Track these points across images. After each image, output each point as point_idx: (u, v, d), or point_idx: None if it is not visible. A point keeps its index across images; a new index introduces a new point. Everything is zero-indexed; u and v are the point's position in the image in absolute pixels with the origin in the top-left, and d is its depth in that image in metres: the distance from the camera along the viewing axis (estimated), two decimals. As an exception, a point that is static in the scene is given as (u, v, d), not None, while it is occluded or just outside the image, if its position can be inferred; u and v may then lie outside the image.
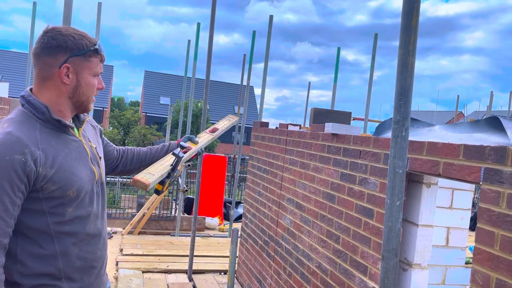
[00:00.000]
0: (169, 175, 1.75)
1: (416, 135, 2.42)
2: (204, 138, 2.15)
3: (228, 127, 2.34)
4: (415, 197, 2.14)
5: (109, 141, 1.91)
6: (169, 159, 1.83)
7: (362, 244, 2.40)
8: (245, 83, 7.58)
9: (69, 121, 1.50)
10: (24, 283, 1.41)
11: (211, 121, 30.25)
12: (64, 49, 1.41)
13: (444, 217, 3.19)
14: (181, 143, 1.95)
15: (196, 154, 2.01)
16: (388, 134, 2.73)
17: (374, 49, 6.05)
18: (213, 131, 2.22)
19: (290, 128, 3.80)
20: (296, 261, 3.23)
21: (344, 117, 4.25)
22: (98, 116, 33.18)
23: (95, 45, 1.46)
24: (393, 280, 1.34)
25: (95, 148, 1.60)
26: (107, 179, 7.59)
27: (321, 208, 2.91)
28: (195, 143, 2.02)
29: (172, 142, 2.04)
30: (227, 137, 34.51)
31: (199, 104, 26.09)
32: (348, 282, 2.50)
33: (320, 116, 4.27)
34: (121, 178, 9.52)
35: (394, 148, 1.35)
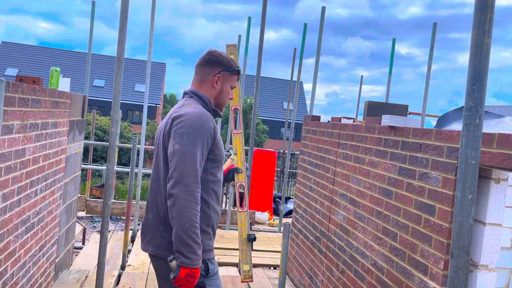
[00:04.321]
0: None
1: (484, 127, 2.25)
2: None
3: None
4: (482, 193, 1.99)
5: None
6: None
7: (422, 242, 2.27)
8: (295, 78, 7.50)
9: None
10: (204, 229, 1.92)
11: (259, 117, 30.30)
12: (220, 65, 2.04)
13: (510, 217, 2.98)
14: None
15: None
16: (451, 127, 2.57)
17: (433, 39, 5.75)
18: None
19: (344, 121, 3.70)
20: (350, 258, 3.14)
21: (400, 111, 4.07)
22: (152, 112, 34.29)
23: (238, 67, 2.10)
24: (464, 280, 1.23)
25: None
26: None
27: (377, 204, 2.80)
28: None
29: None
30: (276, 133, 34.51)
31: (248, 100, 26.24)
32: (406, 282, 2.38)
33: (375, 109, 4.12)
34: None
35: (465, 137, 1.24)
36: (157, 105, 36.16)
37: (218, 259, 4.95)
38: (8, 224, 2.51)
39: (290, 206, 7.79)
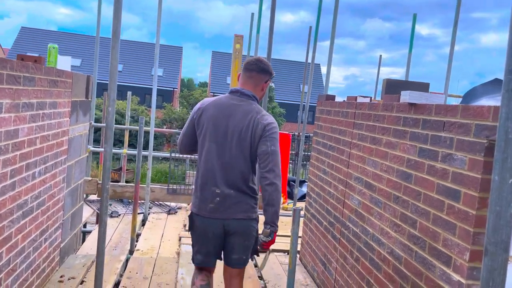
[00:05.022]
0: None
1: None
2: None
3: None
4: (515, 176, 1.75)
5: None
6: None
7: (444, 230, 2.06)
8: (310, 59, 7.20)
9: None
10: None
11: (275, 100, 29.95)
12: (269, 74, 2.60)
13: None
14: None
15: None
16: (480, 102, 2.31)
17: (457, 15, 5.38)
18: None
19: (360, 100, 3.45)
20: (365, 245, 2.94)
21: (420, 89, 3.79)
22: (169, 96, 34.26)
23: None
24: (500, 282, 1.02)
25: None
26: (178, 155, 7.70)
27: (395, 188, 2.58)
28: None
29: None
30: (292, 116, 34.10)
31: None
32: (427, 273, 2.17)
33: (394, 87, 3.84)
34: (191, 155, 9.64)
35: (507, 106, 1.01)
36: (175, 89, 36.07)
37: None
38: (1, 208, 2.39)
39: (304, 189, 7.59)
